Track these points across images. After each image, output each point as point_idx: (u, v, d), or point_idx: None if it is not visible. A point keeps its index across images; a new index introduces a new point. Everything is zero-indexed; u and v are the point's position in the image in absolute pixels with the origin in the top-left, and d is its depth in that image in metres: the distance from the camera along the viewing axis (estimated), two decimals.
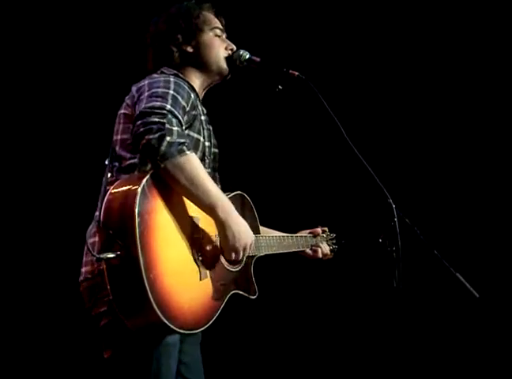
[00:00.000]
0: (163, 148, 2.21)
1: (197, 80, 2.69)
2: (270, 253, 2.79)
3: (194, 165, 2.27)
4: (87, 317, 2.40)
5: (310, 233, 3.12)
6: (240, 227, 2.38)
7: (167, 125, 2.23)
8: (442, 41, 4.44)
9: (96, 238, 2.31)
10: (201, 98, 2.73)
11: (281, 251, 2.88)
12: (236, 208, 2.59)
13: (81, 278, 2.42)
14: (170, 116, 2.27)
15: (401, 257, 2.48)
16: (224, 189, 2.76)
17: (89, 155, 2.61)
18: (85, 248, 2.39)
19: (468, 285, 2.62)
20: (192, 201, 2.34)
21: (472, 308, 3.79)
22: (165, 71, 2.61)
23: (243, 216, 2.62)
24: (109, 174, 2.45)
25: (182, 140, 2.25)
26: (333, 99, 2.64)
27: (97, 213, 2.32)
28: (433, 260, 2.62)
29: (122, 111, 2.53)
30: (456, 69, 4.45)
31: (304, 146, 4.43)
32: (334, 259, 3.17)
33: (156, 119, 2.24)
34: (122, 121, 2.51)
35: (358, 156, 2.59)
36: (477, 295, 2.62)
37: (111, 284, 2.21)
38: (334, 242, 3.21)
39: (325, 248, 3.12)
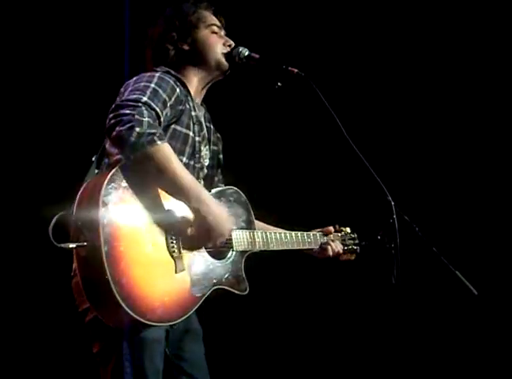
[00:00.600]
0: (132, 138, 2.20)
1: (194, 77, 2.69)
2: (268, 249, 2.73)
3: (166, 154, 2.26)
4: (76, 312, 2.41)
5: (320, 231, 3.02)
6: (217, 213, 2.34)
7: (137, 116, 2.23)
8: (442, 39, 4.44)
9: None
10: (200, 95, 2.73)
11: (282, 248, 2.80)
12: (224, 202, 2.61)
13: (72, 274, 2.42)
14: (143, 108, 2.26)
15: (400, 254, 2.49)
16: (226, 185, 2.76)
17: (87, 153, 2.61)
18: None
19: (466, 282, 2.63)
20: (165, 191, 2.33)
21: (471, 305, 3.79)
22: (157, 69, 2.61)
23: (232, 210, 2.62)
24: (96, 170, 2.45)
25: (153, 131, 2.23)
26: (332, 96, 2.64)
27: None
28: (432, 257, 2.63)
29: None
30: (455, 66, 4.45)
31: (303, 143, 4.43)
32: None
33: (128, 111, 2.24)
34: None
35: (357, 153, 2.60)
36: (476, 292, 2.63)
37: (81, 278, 2.23)
38: (356, 242, 3.08)
39: (336, 246, 2.98)
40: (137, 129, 2.21)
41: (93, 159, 2.48)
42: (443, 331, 4.35)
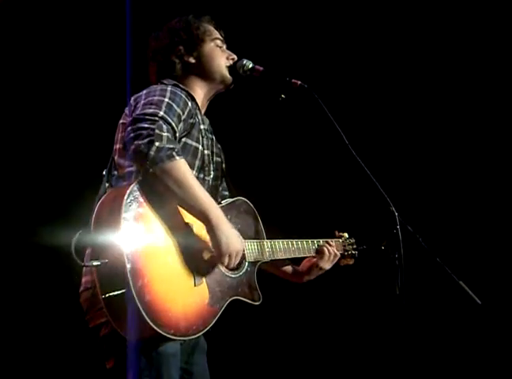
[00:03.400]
0: (151, 153, 2.22)
1: (199, 90, 2.72)
2: (276, 258, 2.75)
3: (183, 170, 2.28)
4: (87, 327, 2.41)
5: (324, 240, 3.03)
6: (229, 234, 2.35)
7: (157, 131, 2.25)
8: (442, 49, 4.46)
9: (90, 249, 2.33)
10: (204, 108, 2.76)
11: (290, 256, 2.83)
12: (235, 214, 2.63)
13: (81, 288, 2.43)
14: (161, 122, 2.28)
15: (404, 264, 2.50)
16: (231, 197, 2.78)
17: (94, 166, 2.63)
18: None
19: (470, 292, 2.63)
20: (181, 207, 2.34)
21: (475, 315, 3.79)
22: (165, 82, 2.63)
23: (242, 221, 2.65)
24: (107, 184, 2.47)
25: (172, 146, 2.25)
26: (335, 108, 2.66)
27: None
28: (435, 267, 2.64)
29: (121, 121, 2.56)
30: (456, 80, 4.47)
31: (307, 154, 4.45)
32: (337, 265, 3.11)
33: (146, 125, 2.26)
34: (121, 130, 2.54)
35: (360, 164, 2.61)
36: (480, 302, 2.63)
37: (102, 294, 2.22)
38: (354, 247, 3.11)
39: (332, 250, 2.97)
40: (157, 144, 2.23)
41: (104, 173, 2.50)
42: (447, 340, 4.35)
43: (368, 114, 4.47)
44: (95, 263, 2.21)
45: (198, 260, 2.38)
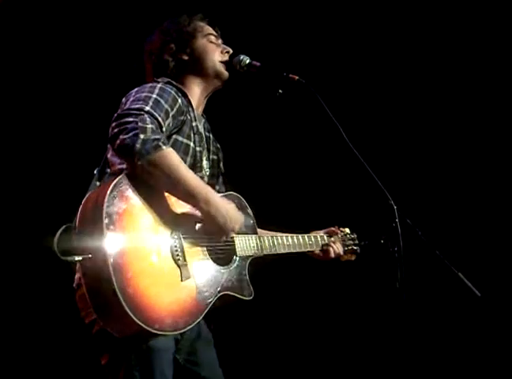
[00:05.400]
0: (137, 146, 2.21)
1: (196, 88, 2.71)
2: (271, 253, 2.73)
3: (172, 159, 2.27)
4: (82, 324, 2.40)
5: (326, 233, 3.04)
6: (228, 208, 2.38)
7: (140, 124, 2.24)
8: (442, 43, 4.46)
9: None
10: (202, 106, 2.75)
11: (285, 251, 2.80)
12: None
13: (74, 284, 2.42)
14: (145, 116, 2.28)
15: (403, 258, 2.50)
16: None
17: (90, 164, 2.64)
18: None
19: (469, 284, 2.64)
20: (174, 195, 2.34)
21: (474, 307, 3.80)
22: (158, 80, 2.62)
23: None
24: (98, 183, 2.46)
25: (157, 137, 2.25)
26: (333, 103, 2.66)
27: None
28: (435, 260, 2.64)
29: None
30: (456, 72, 4.47)
31: (305, 149, 4.45)
32: (336, 259, 3.09)
33: (131, 119, 2.26)
34: None
35: (359, 158, 2.61)
36: (479, 294, 2.64)
37: (87, 290, 2.22)
38: (356, 242, 3.09)
39: (337, 248, 3.00)
40: (142, 136, 2.22)
41: (95, 171, 2.50)
42: (447, 333, 4.36)
43: (366, 108, 4.47)
44: (76, 258, 2.19)
45: (186, 254, 2.36)
